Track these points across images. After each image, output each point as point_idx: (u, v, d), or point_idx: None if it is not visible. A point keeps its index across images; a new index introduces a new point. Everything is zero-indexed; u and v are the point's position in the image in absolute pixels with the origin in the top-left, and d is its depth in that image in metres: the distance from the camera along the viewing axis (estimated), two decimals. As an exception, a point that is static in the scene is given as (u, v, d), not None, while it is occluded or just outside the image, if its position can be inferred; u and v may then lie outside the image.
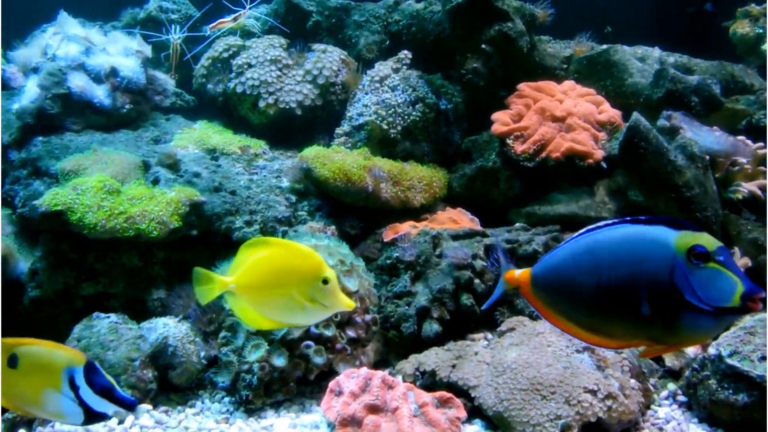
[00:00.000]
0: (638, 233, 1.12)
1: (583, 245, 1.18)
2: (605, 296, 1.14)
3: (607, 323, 1.17)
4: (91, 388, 1.44)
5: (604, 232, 1.16)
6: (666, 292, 1.09)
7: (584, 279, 1.16)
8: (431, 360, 1.96)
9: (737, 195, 2.36)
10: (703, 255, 1.06)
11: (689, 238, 1.08)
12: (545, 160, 2.66)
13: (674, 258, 1.08)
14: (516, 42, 2.88)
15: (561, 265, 1.20)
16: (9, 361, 1.46)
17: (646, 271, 1.10)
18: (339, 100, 3.07)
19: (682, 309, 1.08)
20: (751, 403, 1.70)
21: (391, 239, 2.46)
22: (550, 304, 1.23)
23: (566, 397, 1.66)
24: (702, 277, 1.07)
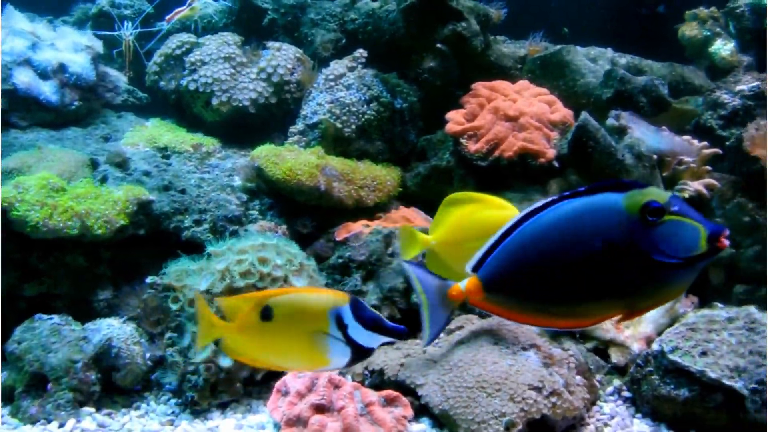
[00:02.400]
0: (585, 206, 1.08)
1: (531, 233, 1.10)
2: (572, 278, 1.09)
3: (580, 304, 1.12)
4: (360, 324, 1.37)
5: (548, 215, 1.10)
6: (633, 256, 1.05)
7: (545, 267, 1.10)
8: (380, 359, 1.95)
9: (684, 194, 2.40)
10: (658, 210, 1.03)
11: (638, 197, 1.05)
12: (498, 159, 2.67)
13: (630, 220, 1.04)
14: (470, 41, 2.90)
15: (514, 260, 1.11)
16: (262, 315, 1.37)
17: (607, 241, 1.05)
18: (294, 98, 3.05)
19: (653, 269, 1.05)
20: (691, 397, 1.73)
21: (344, 238, 2.45)
22: (512, 305, 1.16)
23: (511, 394, 1.67)
24: (663, 232, 1.04)
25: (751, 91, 2.70)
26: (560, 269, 1.09)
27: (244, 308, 1.36)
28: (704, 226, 1.03)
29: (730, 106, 2.72)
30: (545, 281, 1.10)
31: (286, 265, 2.01)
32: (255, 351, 1.40)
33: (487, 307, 1.17)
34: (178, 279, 2.02)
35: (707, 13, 3.02)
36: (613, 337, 2.05)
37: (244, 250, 2.02)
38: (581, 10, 4.40)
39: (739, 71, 2.88)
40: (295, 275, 2.01)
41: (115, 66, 3.27)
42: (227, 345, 1.40)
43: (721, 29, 3.01)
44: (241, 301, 1.37)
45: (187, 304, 1.94)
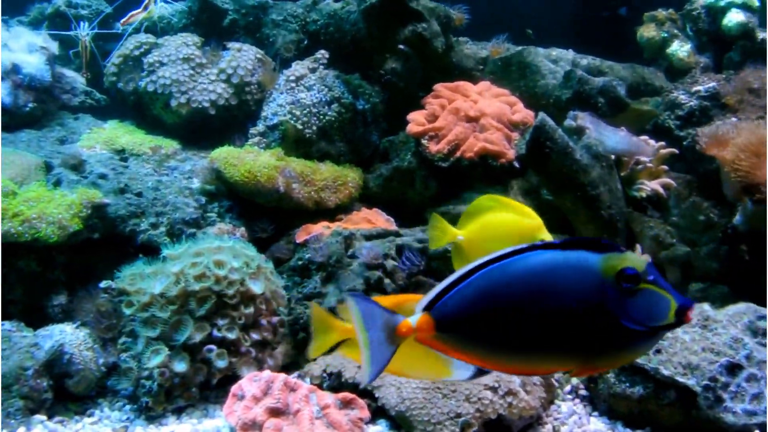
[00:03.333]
0: (559, 261, 1.06)
1: (498, 280, 1.07)
2: (535, 331, 1.07)
3: (537, 356, 1.10)
4: None
5: (517, 263, 1.07)
6: (601, 319, 1.04)
7: (509, 316, 1.07)
8: (338, 361, 1.94)
9: (641, 193, 2.43)
10: (634, 277, 1.01)
11: (615, 261, 1.03)
12: (459, 159, 2.67)
13: (603, 284, 1.03)
14: (431, 43, 2.90)
15: (475, 304, 1.08)
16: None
17: (578, 300, 1.04)
18: (255, 99, 3.02)
19: (619, 333, 1.04)
20: (646, 395, 1.75)
21: (304, 240, 2.44)
22: (464, 347, 1.11)
23: (466, 394, 1.67)
24: (635, 300, 1.02)
25: (708, 92, 2.74)
26: (525, 320, 1.07)
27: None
28: (675, 299, 1.03)
29: (687, 106, 2.76)
30: (506, 329, 1.08)
31: (242, 268, 1.98)
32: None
33: (436, 346, 1.12)
34: (132, 283, 1.98)
35: (665, 15, 3.05)
36: (570, 336, 2.06)
37: (199, 253, 1.99)
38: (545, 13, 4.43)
39: (696, 72, 2.92)
40: (251, 278, 1.99)
41: (72, 67, 3.22)
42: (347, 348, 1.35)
43: (678, 31, 3.05)
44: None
45: (141, 309, 1.91)
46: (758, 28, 2.87)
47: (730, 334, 1.76)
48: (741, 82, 2.58)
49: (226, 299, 1.92)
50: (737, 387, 1.68)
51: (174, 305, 1.89)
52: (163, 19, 3.22)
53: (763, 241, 2.18)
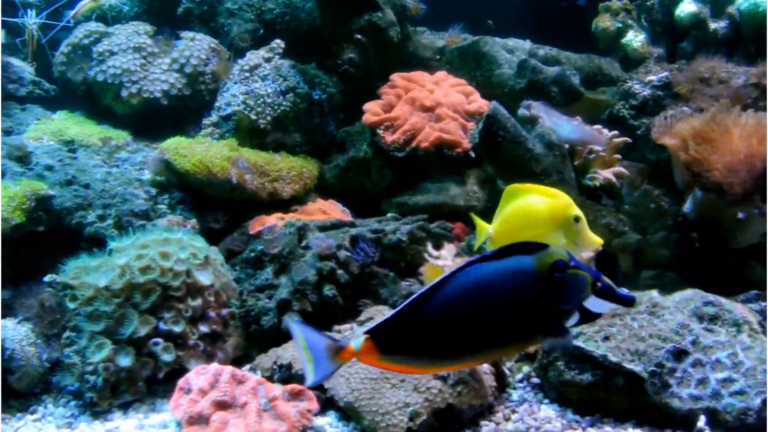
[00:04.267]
0: (498, 271, 1.16)
1: (441, 302, 1.16)
2: (483, 337, 1.17)
3: (484, 354, 1.22)
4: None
5: (458, 282, 1.17)
6: (541, 310, 1.17)
7: (454, 331, 1.16)
8: (288, 353, 1.92)
9: (594, 182, 2.44)
10: (563, 267, 1.15)
11: (546, 257, 1.16)
12: (415, 149, 2.67)
13: (540, 280, 1.15)
14: (386, 32, 2.88)
15: (418, 327, 1.16)
16: None
17: (520, 301, 1.16)
18: (209, 89, 2.98)
19: (555, 317, 1.17)
20: (594, 382, 1.74)
21: (257, 232, 2.41)
22: (409, 363, 1.21)
23: (415, 384, 1.66)
24: (564, 285, 1.17)
25: (661, 81, 2.76)
26: (472, 331, 1.17)
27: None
28: (589, 273, 1.18)
29: (641, 96, 2.78)
30: (447, 345, 1.18)
31: (189, 259, 1.95)
32: None
33: (379, 365, 1.22)
34: (76, 276, 1.94)
35: (619, 5, 3.07)
36: (523, 325, 2.06)
37: (146, 245, 1.95)
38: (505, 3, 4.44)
39: (650, 62, 2.94)
40: (198, 269, 1.96)
41: (21, 57, 3.13)
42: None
43: (633, 21, 3.06)
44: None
45: (85, 303, 1.86)
46: (710, 18, 2.90)
47: (677, 320, 1.77)
48: (692, 72, 2.60)
49: (172, 291, 1.89)
50: (683, 372, 1.69)
51: (118, 298, 1.85)
52: (115, 8, 3.15)
53: (711, 228, 2.21)
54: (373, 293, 2.22)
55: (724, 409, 1.62)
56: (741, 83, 2.43)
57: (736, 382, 1.66)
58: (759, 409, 1.61)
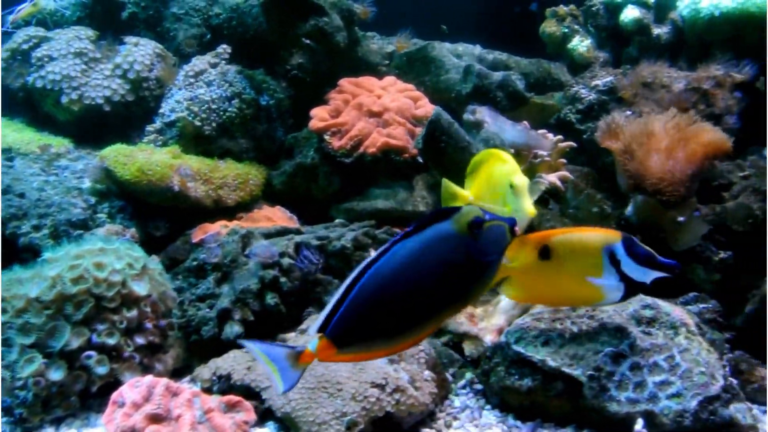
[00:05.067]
0: (422, 243, 1.20)
1: (375, 285, 1.18)
2: (423, 308, 1.21)
3: (429, 323, 1.24)
4: (632, 259, 1.47)
5: (387, 263, 1.19)
6: (470, 267, 1.21)
7: (396, 310, 1.19)
8: (228, 363, 1.88)
9: (540, 186, 2.44)
10: (479, 223, 1.20)
11: (462, 218, 1.20)
12: (362, 155, 2.65)
13: (463, 240, 1.20)
14: (332, 37, 2.86)
15: (362, 314, 1.18)
16: (541, 254, 1.51)
17: (449, 265, 1.20)
18: (154, 95, 2.92)
19: (483, 269, 1.23)
20: (534, 387, 1.74)
21: (200, 240, 2.37)
22: (364, 350, 1.23)
23: (353, 393, 1.64)
24: (485, 238, 1.22)
25: (606, 86, 2.79)
26: (411, 306, 1.20)
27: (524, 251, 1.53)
28: (506, 222, 1.23)
29: (587, 100, 2.80)
30: (397, 321, 1.20)
31: (125, 270, 1.90)
32: (534, 289, 1.57)
33: (340, 359, 1.23)
34: (8, 288, 1.88)
35: (566, 11, 3.10)
36: (466, 330, 2.06)
37: (80, 255, 1.90)
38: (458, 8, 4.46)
39: (596, 67, 2.97)
40: (135, 279, 1.91)
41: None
42: (508, 286, 1.59)
43: (579, 26, 3.10)
44: (520, 244, 1.52)
45: (15, 315, 1.80)
46: (653, 24, 2.94)
47: (615, 323, 1.77)
48: (636, 76, 2.63)
49: (106, 302, 1.84)
50: (621, 376, 1.70)
51: (49, 310, 1.80)
52: (56, 13, 3.08)
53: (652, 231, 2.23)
54: (317, 301, 2.20)
55: (661, 412, 1.63)
56: (682, 88, 2.46)
57: (673, 385, 1.67)
58: (695, 410, 1.62)
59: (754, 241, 2.19)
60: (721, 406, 1.64)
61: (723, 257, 2.21)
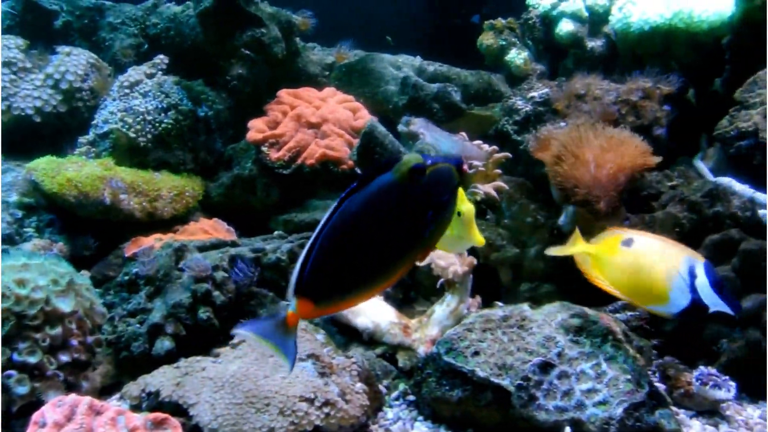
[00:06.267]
0: (367, 197, 1.22)
1: (333, 241, 1.22)
2: (382, 255, 1.25)
3: (394, 268, 1.28)
4: (709, 279, 1.51)
5: (341, 218, 1.22)
6: (420, 213, 1.24)
7: (357, 262, 1.24)
8: (157, 380, 1.84)
9: (475, 196, 2.47)
10: (420, 169, 1.21)
11: (402, 167, 1.21)
12: (301, 167, 2.64)
13: (407, 188, 1.21)
14: (270, 48, 2.85)
15: (327, 269, 1.22)
16: (624, 242, 1.60)
17: (397, 213, 1.23)
18: (88, 106, 2.87)
19: (435, 212, 1.25)
20: (464, 397, 1.75)
21: (133, 253, 2.32)
22: (342, 301, 1.29)
23: (281, 407, 1.62)
24: (431, 182, 1.22)
25: (541, 97, 2.83)
26: (371, 257, 1.25)
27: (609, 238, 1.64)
28: (451, 163, 1.25)
29: (523, 111, 2.83)
30: (360, 274, 1.26)
31: (48, 286, 1.85)
32: (607, 272, 1.62)
33: (320, 314, 1.30)
34: (-76, 307, 1.81)
35: (503, 23, 3.15)
36: (400, 342, 2.06)
37: (1, 272, 1.84)
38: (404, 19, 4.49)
39: (533, 79, 3.01)
40: (59, 296, 1.86)
41: None
42: (582, 261, 1.69)
43: (516, 39, 3.14)
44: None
45: (-69, 335, 1.74)
46: (588, 37, 3.00)
47: (544, 333, 1.80)
48: (569, 88, 2.67)
49: (28, 321, 1.78)
50: (549, 385, 1.72)
51: (-32, 329, 1.74)
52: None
53: (584, 241, 2.27)
54: (252, 314, 2.18)
55: (588, 420, 1.66)
56: (612, 100, 2.52)
57: (600, 393, 1.70)
58: (620, 417, 1.65)
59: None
60: (647, 413, 1.68)
61: (652, 266, 2.26)
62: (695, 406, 1.93)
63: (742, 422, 1.88)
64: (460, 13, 4.32)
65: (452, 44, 4.24)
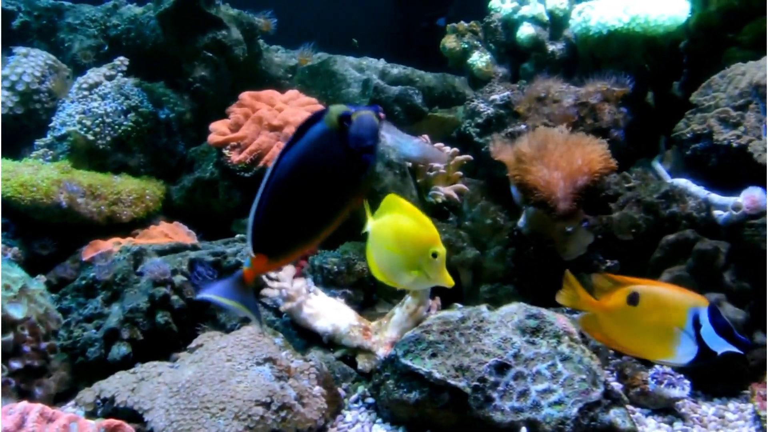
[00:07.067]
0: (305, 147, 1.32)
1: (278, 197, 1.31)
2: (325, 205, 1.35)
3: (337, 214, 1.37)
4: (714, 328, 1.50)
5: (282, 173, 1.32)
6: (353, 157, 1.32)
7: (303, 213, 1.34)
8: (113, 385, 1.82)
9: (436, 199, 2.48)
10: (348, 116, 1.30)
11: (332, 115, 1.31)
12: (263, 169, 2.62)
13: (338, 134, 1.31)
14: (231, 51, 2.84)
15: (275, 223, 1.33)
16: (629, 299, 1.57)
17: (334, 159, 1.32)
18: (46, 108, 2.82)
19: (366, 156, 1.33)
20: (422, 399, 1.75)
21: (90, 258, 2.29)
22: (290, 253, 1.40)
23: (236, 412, 1.61)
24: (357, 127, 1.31)
25: (502, 100, 2.84)
26: (312, 204, 1.34)
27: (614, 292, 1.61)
28: (372, 111, 1.34)
29: (485, 114, 2.85)
30: (305, 222, 1.35)
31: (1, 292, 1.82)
32: (613, 331, 1.62)
33: (273, 267, 1.48)
34: None
35: (465, 26, 3.16)
36: (360, 344, 2.06)
37: (-49, 278, 1.81)
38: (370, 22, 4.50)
39: (495, 82, 3.03)
40: (11, 302, 1.83)
41: None
42: (586, 320, 1.66)
43: (479, 42, 3.16)
44: (611, 284, 1.62)
45: None
46: (548, 41, 3.03)
47: (501, 334, 1.81)
48: (530, 91, 2.70)
49: (-22, 327, 1.76)
50: (506, 386, 1.73)
51: None
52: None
53: (543, 242, 2.29)
54: (211, 318, 2.16)
55: (544, 420, 1.67)
56: (571, 102, 2.54)
57: (555, 393, 1.71)
58: (575, 417, 1.66)
59: (638, 250, 2.28)
60: (602, 412, 1.69)
61: (610, 266, 2.29)
62: (651, 405, 1.95)
63: (696, 419, 1.91)
64: (426, 15, 4.33)
65: (418, 47, 4.26)
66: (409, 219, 1.66)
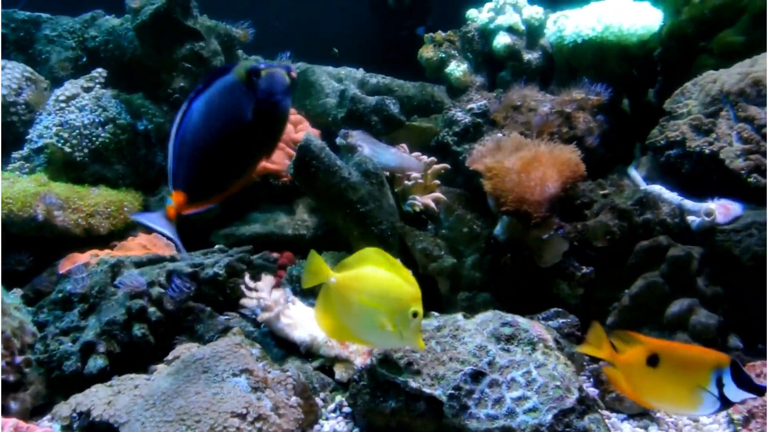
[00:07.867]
0: (213, 96, 1.39)
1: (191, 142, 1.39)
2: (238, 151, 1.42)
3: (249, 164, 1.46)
4: (736, 384, 1.50)
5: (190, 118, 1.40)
6: (262, 109, 1.39)
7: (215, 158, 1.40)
8: (89, 399, 1.82)
9: (414, 207, 2.49)
10: (257, 71, 1.39)
11: (241, 69, 1.39)
12: (241, 180, 2.63)
13: (246, 87, 1.39)
14: (209, 62, 2.84)
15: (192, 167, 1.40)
16: (649, 360, 1.56)
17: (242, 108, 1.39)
18: (23, 121, 2.81)
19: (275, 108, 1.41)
20: (398, 408, 1.76)
21: (67, 271, 2.28)
22: (210, 195, 1.47)
23: (212, 424, 1.61)
24: (265, 82, 1.40)
25: (480, 109, 2.87)
26: (222, 152, 1.41)
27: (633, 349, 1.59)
28: (283, 69, 1.42)
29: (462, 123, 2.87)
30: (217, 165, 1.42)
31: (-26, 306, 1.82)
32: (635, 386, 1.60)
33: (193, 208, 1.49)
34: None
35: (443, 36, 3.18)
36: (338, 354, 2.07)
37: (-75, 292, 1.80)
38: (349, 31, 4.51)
39: (472, 91, 3.05)
40: (-15, 316, 1.83)
41: None
42: (611, 371, 1.64)
43: (456, 51, 3.18)
44: (633, 339, 1.60)
45: None
46: (524, 50, 3.06)
47: (476, 342, 1.82)
48: (506, 100, 2.72)
49: (-49, 342, 1.75)
50: (481, 393, 1.74)
51: None
52: None
53: (519, 249, 2.31)
54: (188, 329, 2.16)
55: (519, 427, 1.68)
56: (547, 111, 2.57)
57: (530, 400, 1.72)
58: (550, 424, 1.67)
59: (613, 256, 2.30)
60: (576, 418, 1.71)
61: (585, 272, 2.31)
62: (626, 410, 1.98)
63: (671, 423, 1.94)
64: (406, 25, 4.35)
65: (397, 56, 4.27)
66: (392, 273, 1.59)
